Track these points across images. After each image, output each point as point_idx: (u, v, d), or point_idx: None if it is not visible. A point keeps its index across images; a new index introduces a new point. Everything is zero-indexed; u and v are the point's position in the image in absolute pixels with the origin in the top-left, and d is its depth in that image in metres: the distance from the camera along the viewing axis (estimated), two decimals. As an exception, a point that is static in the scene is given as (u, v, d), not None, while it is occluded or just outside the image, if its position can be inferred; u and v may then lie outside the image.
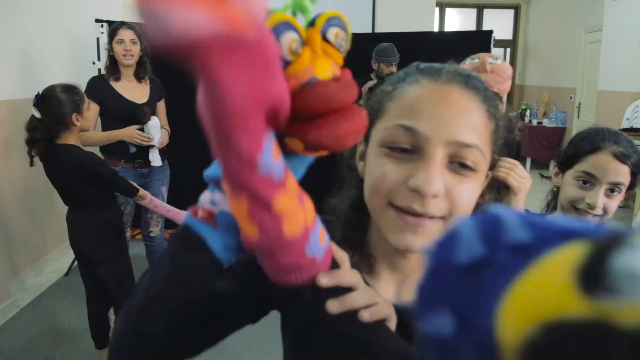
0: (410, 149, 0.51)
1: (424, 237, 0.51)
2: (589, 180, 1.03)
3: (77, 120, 1.97)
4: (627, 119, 4.87)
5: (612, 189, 1.02)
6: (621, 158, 1.01)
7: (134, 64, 2.52)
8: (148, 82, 2.63)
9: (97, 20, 3.37)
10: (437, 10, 7.45)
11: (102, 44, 3.42)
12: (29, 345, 2.40)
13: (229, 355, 2.34)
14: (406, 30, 3.84)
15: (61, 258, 3.50)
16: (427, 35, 4.27)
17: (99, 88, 2.49)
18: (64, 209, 3.58)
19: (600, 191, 1.02)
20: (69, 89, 2.01)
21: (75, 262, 3.34)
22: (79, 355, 2.34)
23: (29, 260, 3.20)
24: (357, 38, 3.36)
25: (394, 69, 3.13)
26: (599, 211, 1.03)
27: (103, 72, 3.43)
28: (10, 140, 3.04)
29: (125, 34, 2.45)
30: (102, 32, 3.37)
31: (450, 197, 0.51)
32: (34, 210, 3.28)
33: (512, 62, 8.42)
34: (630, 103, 4.91)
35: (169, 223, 2.77)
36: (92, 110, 2.30)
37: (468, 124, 0.51)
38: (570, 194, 1.07)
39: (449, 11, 8.25)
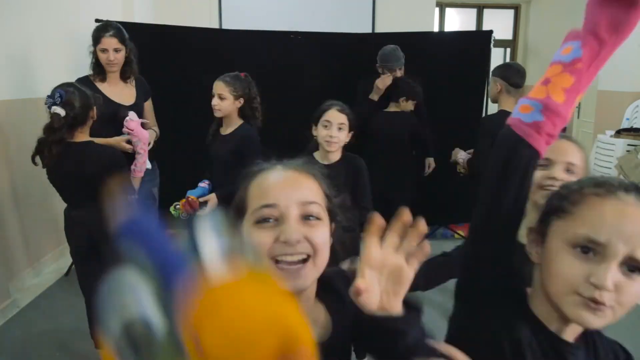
0: (592, 250, 0.68)
1: (601, 319, 0.71)
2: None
3: (94, 115, 2.00)
4: (627, 119, 4.86)
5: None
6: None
7: (119, 69, 2.47)
8: (133, 82, 2.57)
9: (97, 21, 3.36)
10: (437, 10, 7.44)
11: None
12: (28, 346, 2.40)
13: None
14: (406, 30, 3.84)
15: (61, 258, 3.50)
16: (427, 35, 4.27)
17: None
18: (62, 209, 3.58)
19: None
20: (80, 86, 2.02)
21: (75, 262, 3.34)
22: (78, 355, 2.34)
23: (28, 261, 3.20)
24: (357, 38, 3.36)
25: (397, 74, 3.06)
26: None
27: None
28: (9, 141, 3.03)
29: (108, 43, 2.37)
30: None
31: (619, 292, 0.69)
32: (33, 210, 3.27)
33: (512, 62, 8.43)
34: (630, 103, 4.91)
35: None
36: None
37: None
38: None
39: (448, 11, 8.24)
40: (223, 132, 2.34)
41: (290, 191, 0.74)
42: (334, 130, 1.95)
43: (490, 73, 2.67)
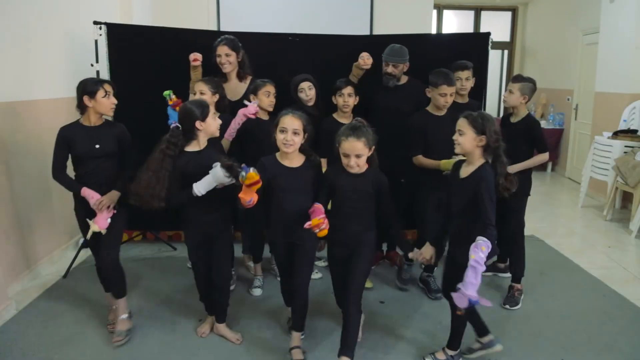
0: None
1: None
2: None
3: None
4: (624, 120, 4.88)
5: None
6: None
7: (231, 70, 3.05)
8: (248, 81, 3.07)
9: (95, 23, 3.37)
10: (434, 12, 7.46)
11: (100, 46, 3.42)
12: (27, 348, 2.39)
13: (227, 357, 2.34)
14: (404, 32, 3.84)
15: (59, 260, 3.50)
16: (425, 37, 4.27)
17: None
18: (61, 211, 3.58)
19: None
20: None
21: (73, 265, 3.33)
22: (77, 357, 2.33)
23: (27, 263, 3.20)
24: (355, 40, 3.39)
25: (393, 69, 3.09)
26: None
27: (101, 74, 3.45)
28: (7, 143, 3.03)
29: (220, 50, 2.97)
30: (101, 34, 3.37)
31: None
32: (31, 213, 3.27)
33: (510, 64, 8.44)
34: (627, 104, 4.93)
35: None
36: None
37: None
38: None
39: (446, 13, 8.27)
40: None
41: None
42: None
43: None
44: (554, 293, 3.07)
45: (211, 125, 2.27)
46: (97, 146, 2.38)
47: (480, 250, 1.84)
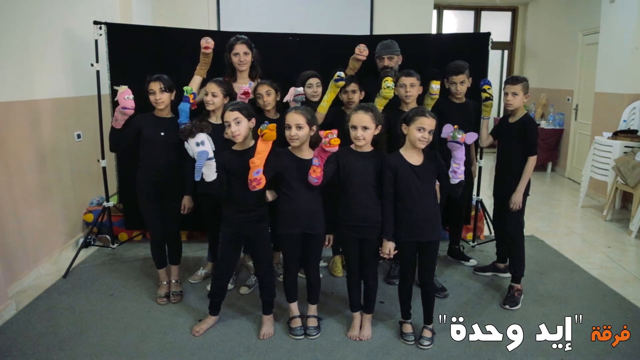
0: None
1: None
2: None
3: None
4: (624, 120, 4.88)
5: None
6: None
7: (247, 69, 3.05)
8: (259, 81, 3.02)
9: (95, 23, 3.37)
10: (434, 12, 7.46)
11: (100, 46, 3.42)
12: (26, 348, 2.39)
13: (227, 357, 2.34)
14: (404, 33, 3.84)
15: (59, 260, 3.50)
16: (425, 38, 4.28)
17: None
18: (61, 211, 3.58)
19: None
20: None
21: (73, 265, 3.34)
22: (77, 357, 2.33)
23: (26, 263, 3.20)
24: (355, 40, 3.37)
25: (389, 62, 3.12)
26: None
27: (102, 74, 3.45)
28: (7, 143, 3.03)
29: (240, 48, 2.98)
30: (101, 34, 3.37)
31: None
32: (31, 213, 3.27)
33: (510, 64, 8.44)
34: (627, 105, 4.93)
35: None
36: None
37: None
38: None
39: (446, 13, 8.27)
40: (215, 122, 2.77)
41: None
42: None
43: None
44: (554, 293, 3.07)
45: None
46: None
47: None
